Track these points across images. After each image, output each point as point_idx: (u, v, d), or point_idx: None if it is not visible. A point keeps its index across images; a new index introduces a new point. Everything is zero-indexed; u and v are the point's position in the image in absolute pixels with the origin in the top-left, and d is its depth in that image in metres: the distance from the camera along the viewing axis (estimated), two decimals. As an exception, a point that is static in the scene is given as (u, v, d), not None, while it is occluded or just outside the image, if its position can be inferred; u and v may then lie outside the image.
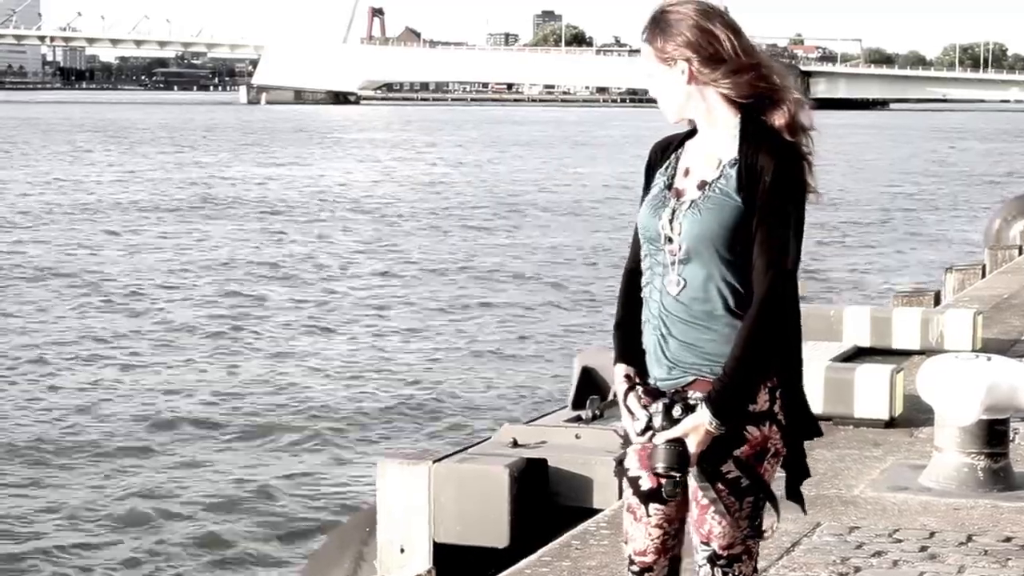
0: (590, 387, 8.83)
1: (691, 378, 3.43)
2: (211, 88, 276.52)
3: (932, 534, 6.22)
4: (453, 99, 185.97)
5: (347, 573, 7.53)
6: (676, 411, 3.39)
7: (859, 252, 28.31)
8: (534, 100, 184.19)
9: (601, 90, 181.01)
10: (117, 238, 29.02)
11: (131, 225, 31.49)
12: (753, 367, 3.37)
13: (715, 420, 3.34)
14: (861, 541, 6.11)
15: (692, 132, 3.58)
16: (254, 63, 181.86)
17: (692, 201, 3.42)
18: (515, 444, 7.63)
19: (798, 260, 3.42)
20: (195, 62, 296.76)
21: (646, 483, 3.48)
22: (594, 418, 8.35)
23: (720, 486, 3.40)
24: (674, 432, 3.37)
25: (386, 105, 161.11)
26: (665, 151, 3.61)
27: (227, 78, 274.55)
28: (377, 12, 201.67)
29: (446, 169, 53.02)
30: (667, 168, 3.56)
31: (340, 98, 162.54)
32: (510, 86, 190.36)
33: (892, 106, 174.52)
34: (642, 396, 3.47)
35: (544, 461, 7.43)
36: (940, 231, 32.98)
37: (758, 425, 3.40)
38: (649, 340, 3.50)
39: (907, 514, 6.54)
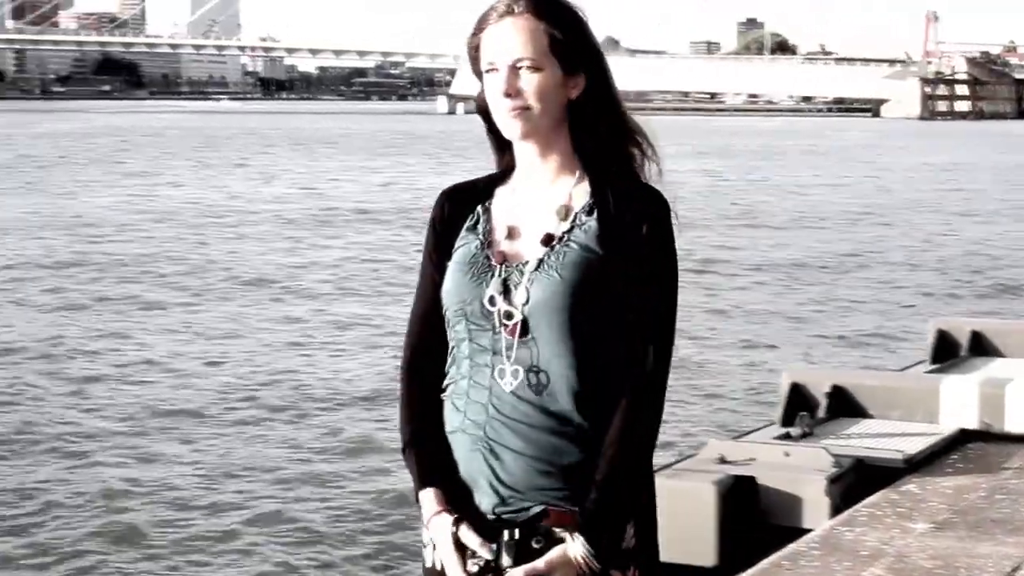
0: (799, 404, 8.69)
1: (539, 508, 2.60)
2: (409, 98, 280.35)
3: None
4: (653, 108, 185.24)
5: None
6: (535, 542, 2.58)
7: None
8: (737, 110, 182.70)
9: (806, 99, 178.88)
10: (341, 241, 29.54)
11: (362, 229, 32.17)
12: (633, 478, 2.60)
13: (591, 552, 2.56)
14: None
15: (499, 177, 2.82)
16: (452, 72, 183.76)
17: (540, 261, 2.64)
18: (722, 461, 7.53)
19: (674, 328, 2.69)
20: (393, 72, 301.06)
21: None
22: (804, 436, 8.21)
23: None
24: (536, 567, 2.55)
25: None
26: (461, 202, 2.80)
27: (425, 88, 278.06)
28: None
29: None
30: (475, 224, 2.76)
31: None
32: (712, 95, 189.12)
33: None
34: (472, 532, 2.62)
35: (752, 479, 7.31)
36: None
37: (624, 569, 2.61)
38: (468, 458, 2.64)
39: None
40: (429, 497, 2.67)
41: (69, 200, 39.64)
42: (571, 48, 2.70)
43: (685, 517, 7.01)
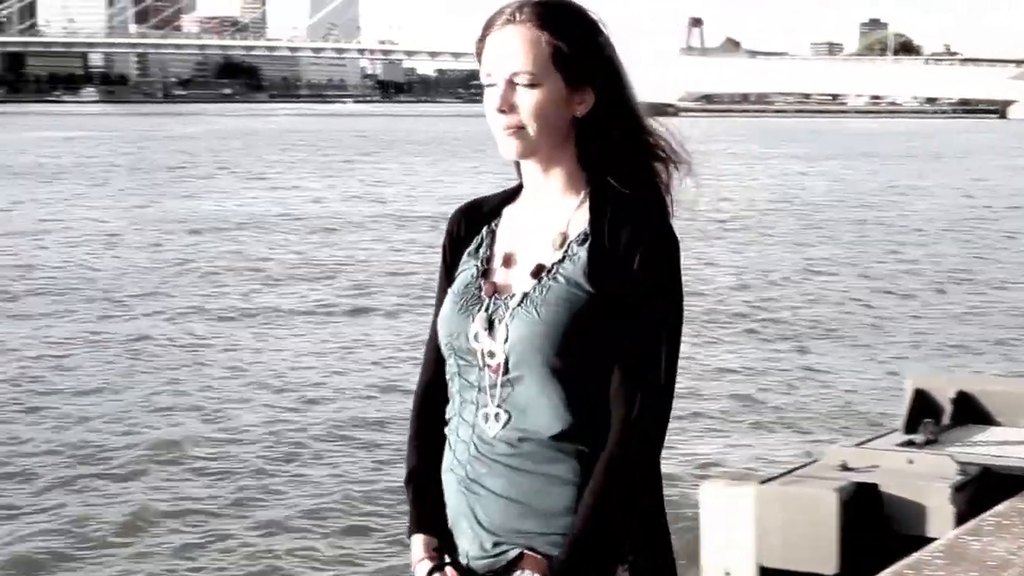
0: (923, 410, 8.53)
1: (516, 551, 2.45)
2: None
3: None
4: (774, 110, 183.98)
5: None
6: None
7: None
8: (859, 111, 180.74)
9: (930, 100, 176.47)
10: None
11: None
12: (612, 533, 2.40)
13: None
14: None
15: (511, 195, 2.62)
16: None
17: (524, 295, 2.45)
18: (844, 467, 7.42)
19: (674, 379, 2.45)
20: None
21: None
22: (928, 443, 8.06)
23: None
24: None
25: (705, 117, 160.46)
26: (474, 220, 2.61)
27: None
28: (696, 22, 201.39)
29: (781, 181, 52.28)
30: (479, 248, 2.57)
31: (658, 110, 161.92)
32: (834, 97, 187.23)
33: None
34: None
35: (875, 486, 7.19)
36: None
37: None
38: (455, 499, 2.51)
39: None
40: (416, 543, 2.56)
41: (197, 202, 40.21)
42: (578, 61, 2.46)
43: (806, 525, 6.93)
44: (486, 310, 2.48)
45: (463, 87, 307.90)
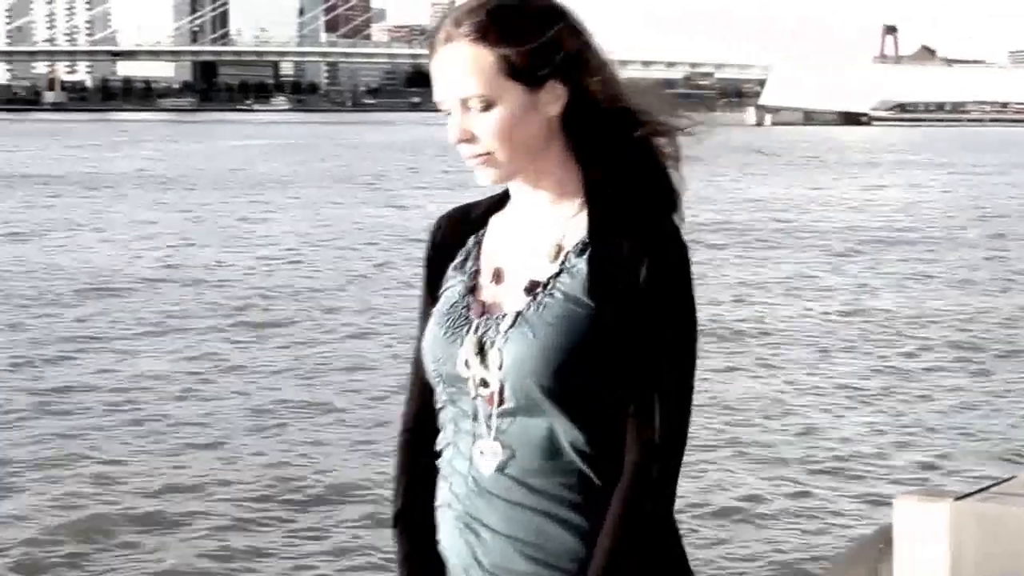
0: None
1: None
2: (718, 109, 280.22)
3: None
4: (969, 120, 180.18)
5: (857, 611, 7.20)
6: None
7: None
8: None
9: None
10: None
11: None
12: (633, 570, 2.15)
13: None
14: None
15: (498, 202, 2.34)
16: (761, 83, 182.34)
17: (518, 315, 2.18)
18: (1046, 485, 7.10)
19: (690, 407, 2.19)
20: (702, 83, 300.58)
21: None
22: None
23: None
24: None
25: (899, 126, 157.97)
26: (459, 230, 2.34)
27: (735, 99, 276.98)
28: (890, 29, 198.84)
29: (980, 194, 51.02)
30: (464, 261, 2.31)
31: (851, 119, 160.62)
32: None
33: None
34: None
35: (1080, 506, 6.86)
36: None
37: None
38: (451, 537, 2.27)
39: None
40: None
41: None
42: (533, 63, 2.17)
43: (1004, 543, 6.66)
44: (476, 332, 2.21)
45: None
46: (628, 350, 2.13)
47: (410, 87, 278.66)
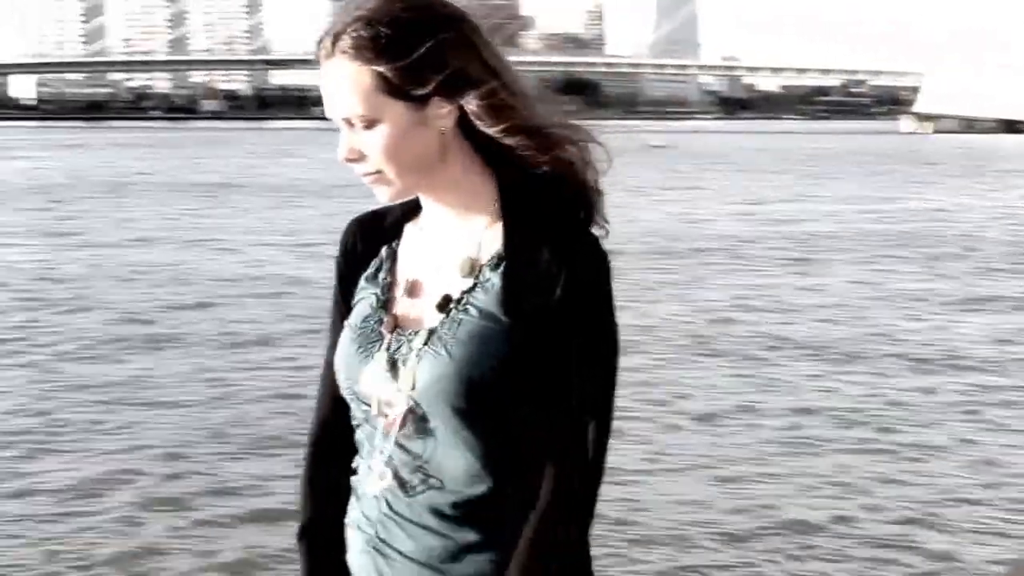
0: None
1: None
2: (874, 117, 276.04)
3: None
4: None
5: None
6: None
7: None
8: None
9: None
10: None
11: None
12: None
13: None
14: None
15: (413, 208, 2.20)
16: (916, 90, 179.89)
17: (431, 332, 2.06)
18: None
19: (609, 426, 2.04)
20: (856, 90, 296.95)
21: None
22: None
23: None
24: None
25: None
26: (372, 236, 2.22)
27: (891, 106, 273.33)
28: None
29: None
30: (377, 272, 2.19)
31: (1014, 127, 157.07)
32: None
33: None
34: None
35: None
36: None
37: None
38: (360, 559, 2.16)
39: None
40: None
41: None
42: (411, 79, 2.01)
43: None
44: (387, 349, 2.09)
45: (806, 103, 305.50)
46: (546, 368, 2.01)
47: (561, 94, 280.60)
